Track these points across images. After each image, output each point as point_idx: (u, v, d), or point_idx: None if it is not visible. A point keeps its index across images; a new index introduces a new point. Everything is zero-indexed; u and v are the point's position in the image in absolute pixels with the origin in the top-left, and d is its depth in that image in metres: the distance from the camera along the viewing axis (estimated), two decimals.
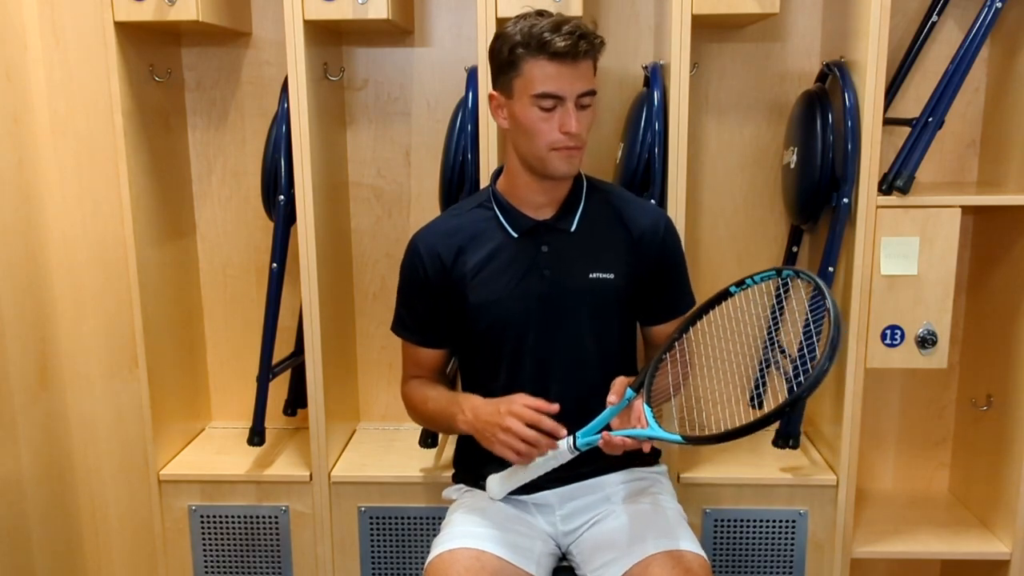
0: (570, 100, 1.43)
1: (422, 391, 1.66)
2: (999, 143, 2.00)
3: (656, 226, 1.60)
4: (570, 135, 1.43)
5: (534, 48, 1.41)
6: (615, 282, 1.56)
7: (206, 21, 1.84)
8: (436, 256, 1.58)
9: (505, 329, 1.57)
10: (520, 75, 1.44)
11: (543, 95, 1.42)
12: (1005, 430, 1.96)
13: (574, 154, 1.47)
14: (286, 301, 2.04)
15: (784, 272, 1.40)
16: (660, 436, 1.33)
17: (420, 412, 1.68)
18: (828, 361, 1.19)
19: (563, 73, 1.41)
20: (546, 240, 1.56)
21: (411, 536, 2.04)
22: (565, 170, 1.49)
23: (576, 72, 1.42)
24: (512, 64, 1.44)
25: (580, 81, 1.43)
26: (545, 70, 1.41)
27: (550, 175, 1.50)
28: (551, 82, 1.41)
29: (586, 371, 1.58)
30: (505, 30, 1.46)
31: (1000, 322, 1.99)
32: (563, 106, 1.43)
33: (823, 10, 2.06)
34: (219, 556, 2.08)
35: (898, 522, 2.08)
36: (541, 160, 1.48)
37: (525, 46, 1.42)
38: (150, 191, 2.01)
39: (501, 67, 1.47)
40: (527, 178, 1.54)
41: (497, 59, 1.48)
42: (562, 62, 1.40)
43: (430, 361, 1.68)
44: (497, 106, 1.51)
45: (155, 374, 2.01)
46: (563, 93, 1.42)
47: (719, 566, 2.03)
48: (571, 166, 1.49)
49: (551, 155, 1.46)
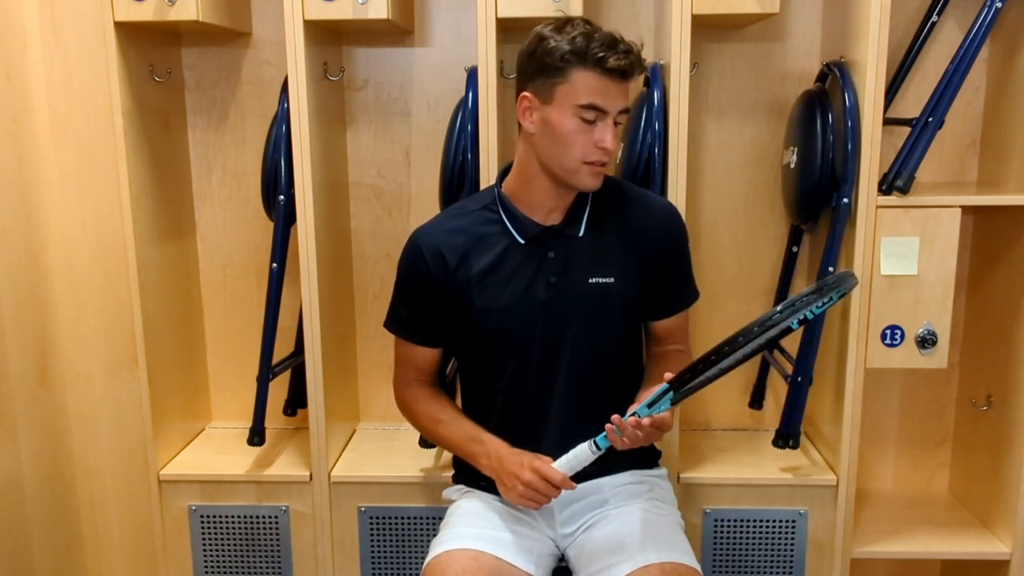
0: (612, 116, 1.43)
1: (429, 410, 1.64)
2: (999, 143, 2.00)
3: (663, 224, 1.60)
4: (605, 151, 1.44)
5: (590, 61, 1.40)
6: (616, 286, 1.56)
7: (206, 21, 1.84)
8: (439, 256, 1.57)
9: (510, 335, 1.56)
10: (567, 82, 1.41)
11: (589, 106, 1.41)
12: (1005, 430, 1.96)
13: (602, 172, 1.49)
14: (286, 301, 2.04)
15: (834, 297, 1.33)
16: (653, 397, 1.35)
17: (428, 431, 1.67)
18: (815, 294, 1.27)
19: (612, 89, 1.42)
20: (553, 246, 1.55)
21: (411, 536, 2.04)
22: (592, 185, 1.49)
23: (622, 90, 1.44)
24: (559, 70, 1.42)
25: (622, 99, 1.44)
26: (596, 82, 1.41)
27: (575, 187, 1.51)
28: (599, 96, 1.41)
29: (590, 376, 1.58)
30: (551, 36, 1.43)
31: (1000, 322, 1.99)
32: (604, 120, 1.43)
33: (823, 10, 2.06)
34: (219, 556, 2.08)
35: (898, 522, 2.08)
36: (570, 172, 1.47)
37: (579, 56, 1.40)
38: (150, 191, 2.01)
39: (544, 70, 1.43)
40: (545, 184, 1.52)
41: (539, 62, 1.44)
42: (613, 79, 1.41)
43: (427, 361, 1.67)
44: (528, 108, 1.48)
45: (155, 374, 2.01)
46: (608, 108, 1.42)
47: (719, 566, 2.03)
48: (598, 182, 1.50)
49: (582, 168, 1.46)
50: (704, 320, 2.16)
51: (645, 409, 1.36)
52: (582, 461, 1.41)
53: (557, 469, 1.43)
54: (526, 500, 1.46)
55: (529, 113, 1.48)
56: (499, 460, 1.51)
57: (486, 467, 1.54)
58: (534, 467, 1.44)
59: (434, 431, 1.65)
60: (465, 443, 1.58)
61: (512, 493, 1.48)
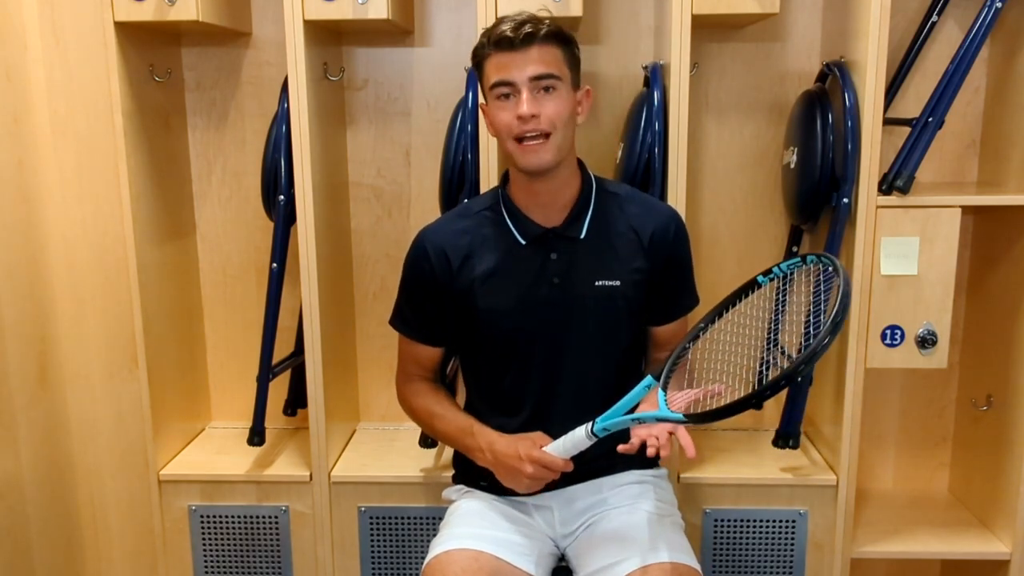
0: (523, 85, 1.43)
1: (427, 404, 1.65)
2: (999, 143, 2.00)
3: (666, 229, 1.59)
4: (523, 119, 1.42)
5: (488, 45, 1.45)
6: (621, 290, 1.56)
7: (206, 21, 1.84)
8: (443, 256, 1.57)
9: (513, 336, 1.57)
10: (483, 74, 1.48)
11: (496, 84, 1.44)
12: (1005, 430, 1.96)
13: (540, 145, 1.44)
14: (286, 301, 2.04)
15: (808, 257, 1.40)
16: (665, 416, 1.34)
17: (425, 424, 1.70)
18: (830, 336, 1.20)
19: (510, 60, 1.43)
20: (555, 247, 1.55)
21: (411, 536, 2.04)
22: (533, 162, 1.46)
23: (525, 57, 1.43)
24: (479, 67, 1.49)
25: (531, 65, 1.43)
26: (497, 60, 1.44)
27: (524, 170, 1.49)
28: (501, 71, 1.44)
29: (593, 378, 1.58)
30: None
31: (1000, 322, 1.99)
32: (517, 94, 1.43)
33: (823, 10, 2.06)
34: (219, 556, 2.08)
35: (898, 522, 2.08)
36: (512, 156, 1.49)
37: (482, 46, 1.47)
38: (150, 191, 2.01)
39: (478, 77, 1.52)
40: (522, 179, 1.53)
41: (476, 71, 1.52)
42: (508, 50, 1.43)
43: (430, 359, 1.68)
44: (485, 115, 1.54)
45: (155, 374, 2.02)
46: (512, 79, 1.43)
47: (719, 566, 2.03)
48: (539, 158, 1.45)
49: (516, 148, 1.46)
50: None
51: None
52: (578, 445, 1.41)
53: (555, 456, 1.42)
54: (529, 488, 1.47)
55: (488, 122, 1.53)
56: (493, 453, 1.50)
57: (481, 460, 1.54)
58: (532, 458, 1.43)
59: (431, 425, 1.67)
60: (459, 436, 1.59)
61: (515, 485, 1.48)
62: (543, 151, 1.45)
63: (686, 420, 1.31)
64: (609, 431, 1.38)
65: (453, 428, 1.60)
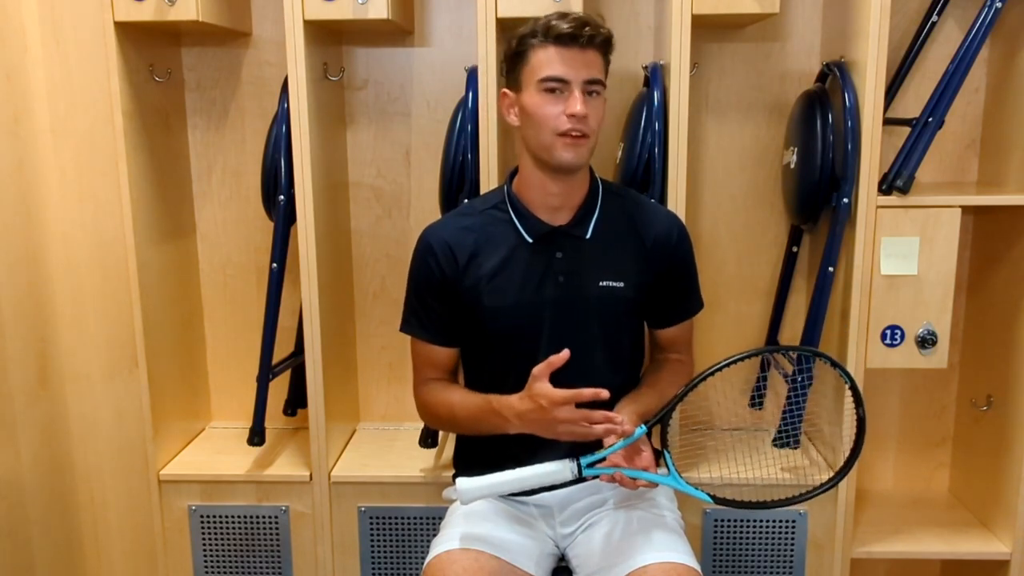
0: (576, 85, 1.43)
1: (442, 398, 1.60)
2: (999, 143, 2.00)
3: (670, 233, 1.60)
4: (575, 117, 1.42)
5: (540, 35, 1.43)
6: (624, 291, 1.56)
7: (206, 21, 1.84)
8: (449, 253, 1.56)
9: (518, 334, 1.56)
10: (527, 64, 1.46)
11: (548, 78, 1.43)
12: (1005, 430, 1.96)
13: (580, 143, 1.45)
14: (286, 301, 2.04)
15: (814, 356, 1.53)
16: (686, 490, 1.40)
17: (445, 421, 1.63)
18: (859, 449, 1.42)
19: (568, 58, 1.42)
20: (561, 246, 1.55)
21: (411, 536, 2.04)
22: (570, 158, 1.46)
23: (583, 58, 1.43)
24: (520, 55, 1.46)
25: (586, 68, 1.43)
26: (552, 54, 1.43)
27: (557, 164, 1.48)
28: (556, 66, 1.42)
29: (596, 378, 1.56)
30: (518, 30, 1.48)
31: (1000, 322, 1.99)
32: (569, 90, 1.43)
33: (823, 10, 2.06)
34: (219, 556, 2.08)
35: (898, 522, 2.08)
36: (547, 149, 1.46)
37: (532, 35, 1.44)
38: (150, 191, 2.01)
39: (511, 60, 1.49)
40: (540, 176, 1.52)
41: (508, 55, 1.50)
42: (567, 47, 1.42)
43: (446, 360, 1.65)
44: (508, 104, 1.52)
45: (155, 374, 2.01)
46: (568, 76, 1.42)
47: (719, 566, 2.03)
48: (577, 155, 1.46)
49: (556, 141, 1.45)
50: (704, 320, 2.15)
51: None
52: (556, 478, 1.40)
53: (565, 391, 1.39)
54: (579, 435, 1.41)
55: (510, 108, 1.51)
56: (519, 417, 1.44)
57: (516, 430, 1.47)
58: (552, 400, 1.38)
59: (453, 420, 1.60)
60: (483, 417, 1.52)
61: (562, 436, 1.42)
62: (583, 148, 1.47)
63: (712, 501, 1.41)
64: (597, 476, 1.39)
65: (474, 410, 1.53)
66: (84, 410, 2.03)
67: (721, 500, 1.39)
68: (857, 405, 1.43)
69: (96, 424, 2.04)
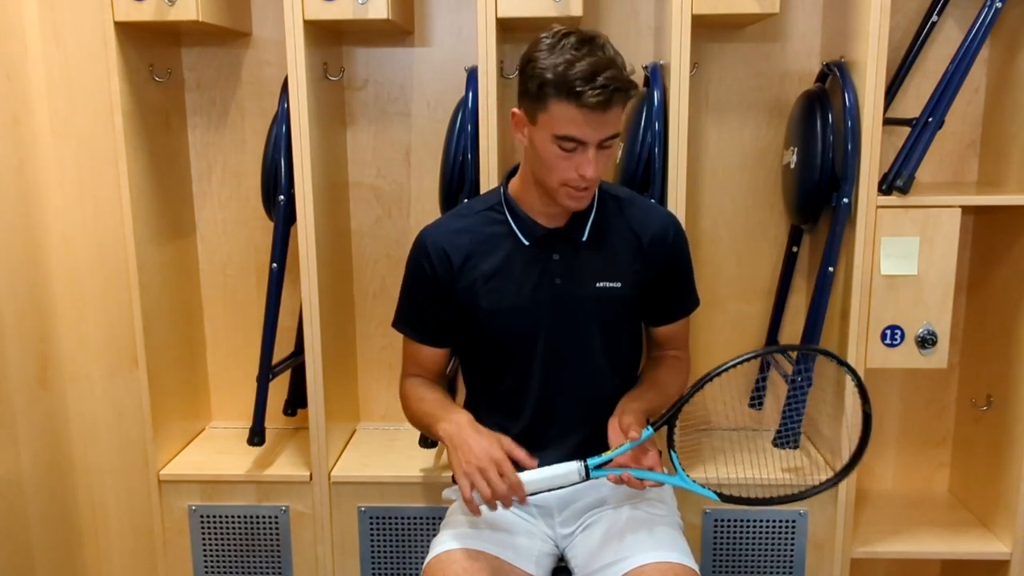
0: (592, 146, 1.39)
1: (419, 390, 1.64)
2: (999, 143, 2.00)
3: (665, 232, 1.59)
4: (584, 178, 1.41)
5: (565, 93, 1.35)
6: (622, 291, 1.56)
7: (206, 21, 1.84)
8: (444, 256, 1.56)
9: (515, 336, 1.56)
10: (546, 111, 1.38)
11: (566, 137, 1.38)
12: (1005, 430, 1.96)
13: (584, 194, 1.45)
14: (286, 301, 2.04)
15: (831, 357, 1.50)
16: (693, 489, 1.40)
17: (412, 410, 1.64)
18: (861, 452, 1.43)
19: (591, 120, 1.36)
20: (557, 248, 1.55)
21: (411, 536, 2.04)
22: (572, 206, 1.47)
23: (604, 119, 1.37)
24: (539, 98, 1.38)
25: (606, 127, 1.38)
26: (573, 114, 1.36)
27: (558, 205, 1.49)
28: (575, 128, 1.37)
29: (594, 379, 1.58)
30: (540, 57, 1.37)
31: (1000, 322, 1.99)
32: (584, 150, 1.39)
33: (823, 10, 2.06)
34: (219, 556, 2.08)
35: (898, 522, 2.08)
36: (552, 191, 1.46)
37: (556, 88, 1.35)
38: (150, 191, 2.01)
39: (529, 94, 1.41)
40: (539, 193, 1.52)
41: (526, 85, 1.42)
42: (591, 111, 1.35)
43: (432, 360, 1.67)
44: (518, 124, 1.47)
45: (155, 374, 2.01)
46: (586, 139, 1.38)
47: (719, 566, 2.03)
48: (579, 204, 1.47)
49: (561, 190, 1.44)
50: (704, 320, 2.16)
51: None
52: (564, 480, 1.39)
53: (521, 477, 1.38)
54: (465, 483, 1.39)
55: (521, 129, 1.47)
56: (459, 427, 1.45)
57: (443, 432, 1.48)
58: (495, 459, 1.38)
59: (416, 410, 1.61)
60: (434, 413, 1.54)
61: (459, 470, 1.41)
62: (586, 199, 1.47)
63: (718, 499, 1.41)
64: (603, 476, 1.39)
65: (435, 405, 1.56)
66: (84, 410, 2.03)
67: (728, 498, 1.39)
68: (864, 402, 1.42)
69: (96, 424, 2.05)
